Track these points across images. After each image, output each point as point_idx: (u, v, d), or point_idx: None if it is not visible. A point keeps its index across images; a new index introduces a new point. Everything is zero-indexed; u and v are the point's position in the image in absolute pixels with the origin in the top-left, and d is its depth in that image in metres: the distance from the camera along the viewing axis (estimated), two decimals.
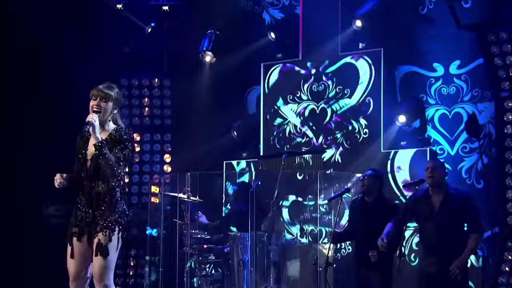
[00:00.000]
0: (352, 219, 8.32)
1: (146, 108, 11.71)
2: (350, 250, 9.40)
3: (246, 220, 8.67)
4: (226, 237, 9.21)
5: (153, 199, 10.73)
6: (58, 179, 5.18)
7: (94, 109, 5.18)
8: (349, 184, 9.12)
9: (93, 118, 5.12)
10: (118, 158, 5.07)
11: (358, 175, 9.49)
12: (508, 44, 9.28)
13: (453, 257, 7.04)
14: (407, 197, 7.28)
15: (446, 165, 7.82)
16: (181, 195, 9.27)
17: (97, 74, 10.37)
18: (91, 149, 5.15)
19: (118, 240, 5.13)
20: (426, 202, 7.28)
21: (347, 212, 9.06)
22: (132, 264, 11.12)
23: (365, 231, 7.85)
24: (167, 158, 11.61)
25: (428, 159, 9.27)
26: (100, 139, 5.07)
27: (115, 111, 5.31)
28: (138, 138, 11.57)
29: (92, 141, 5.17)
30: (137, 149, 11.57)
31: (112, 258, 5.10)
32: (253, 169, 10.69)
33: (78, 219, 5.20)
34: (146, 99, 11.72)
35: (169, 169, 11.52)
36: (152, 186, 10.94)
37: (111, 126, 5.29)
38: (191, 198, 9.23)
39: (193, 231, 9.22)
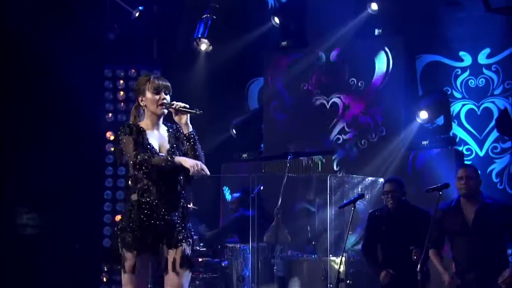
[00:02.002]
0: (377, 235, 8.20)
1: (133, 103, 11.62)
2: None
3: (252, 224, 8.66)
4: (224, 249, 9.16)
5: None
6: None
7: (164, 102, 5.17)
8: (362, 189, 9.06)
9: (184, 104, 5.15)
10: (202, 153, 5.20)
11: (373, 179, 9.44)
12: None
13: (493, 273, 6.98)
14: (434, 210, 7.16)
15: None
16: None
17: (77, 64, 10.39)
18: (158, 144, 5.10)
19: None
20: (458, 215, 7.22)
21: (359, 221, 8.99)
22: (105, 279, 11.11)
23: (395, 246, 7.79)
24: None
25: (453, 160, 9.22)
26: (192, 128, 5.14)
27: None
28: None
29: (158, 136, 5.13)
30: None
31: None
32: None
33: (150, 226, 5.04)
34: (133, 92, 11.64)
35: None
36: None
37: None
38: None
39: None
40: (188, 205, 8.98)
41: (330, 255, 9.07)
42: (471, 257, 7.11)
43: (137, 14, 11.18)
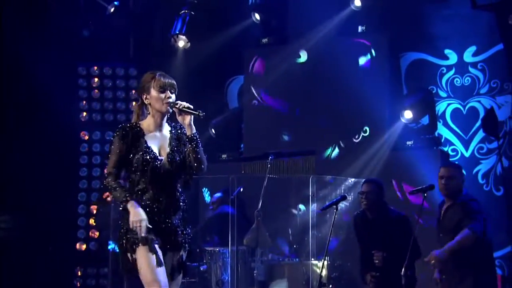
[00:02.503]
0: (359, 237, 8.25)
1: (109, 102, 11.62)
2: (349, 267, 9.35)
3: (232, 226, 8.64)
4: (203, 253, 9.13)
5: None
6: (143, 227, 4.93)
7: (170, 101, 5.12)
8: (345, 191, 9.08)
9: (188, 104, 5.10)
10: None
11: (356, 180, 9.46)
12: None
13: (459, 273, 7.06)
14: (419, 212, 7.21)
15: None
16: None
17: (50, 61, 10.33)
18: (158, 146, 5.09)
19: None
20: (438, 215, 7.33)
21: (343, 224, 9.01)
22: (78, 284, 11.06)
23: (371, 250, 7.80)
24: None
25: (439, 161, 9.24)
26: (195, 130, 5.11)
27: None
28: (101, 138, 11.48)
29: (160, 137, 5.13)
30: (97, 149, 11.49)
31: None
32: None
33: (152, 229, 5.01)
34: (109, 91, 11.63)
35: None
36: None
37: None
38: None
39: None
40: None
41: (312, 259, 9.08)
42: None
43: (112, 10, 11.14)
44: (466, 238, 6.98)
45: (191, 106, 5.08)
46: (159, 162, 5.06)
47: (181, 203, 5.13)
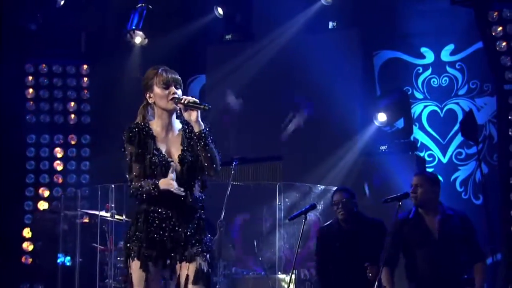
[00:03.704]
0: (328, 253, 8.20)
1: (59, 102, 11.55)
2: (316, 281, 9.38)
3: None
4: None
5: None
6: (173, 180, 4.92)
7: (175, 96, 5.05)
8: (314, 199, 9.08)
9: (195, 99, 5.02)
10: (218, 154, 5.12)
11: (326, 187, 9.49)
12: None
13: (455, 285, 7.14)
14: (394, 222, 7.24)
15: (439, 177, 7.80)
16: (103, 213, 9.16)
17: None
18: (169, 148, 5.07)
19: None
20: (419, 226, 7.31)
21: (311, 234, 9.01)
22: None
23: (349, 263, 7.81)
24: (86, 165, 11.50)
25: (414, 167, 9.30)
26: (203, 125, 5.04)
27: None
28: (48, 141, 11.41)
29: (171, 137, 5.09)
30: (47, 154, 11.41)
31: None
32: None
33: (158, 238, 5.01)
34: (58, 90, 11.56)
35: (88, 180, 11.38)
36: (66, 202, 10.77)
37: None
38: (116, 216, 9.10)
39: (118, 259, 9.10)
40: (120, 217, 9.02)
41: (279, 272, 9.09)
42: (435, 268, 7.19)
43: (62, 2, 11.07)
44: (485, 273, 7.25)
45: (197, 100, 5.00)
46: (168, 165, 5.00)
47: (197, 210, 5.08)
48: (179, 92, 5.08)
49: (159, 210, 5.01)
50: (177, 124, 5.16)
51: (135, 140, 5.04)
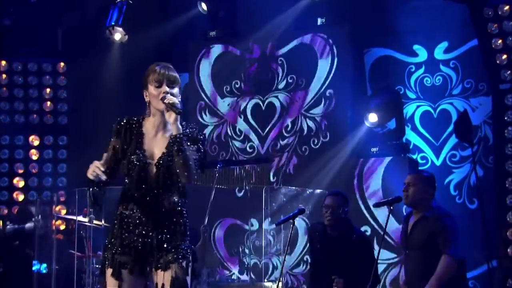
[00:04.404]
0: (312, 250, 8.26)
1: (34, 102, 11.53)
2: None
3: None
4: None
5: (58, 223, 10.53)
6: (97, 168, 4.87)
7: (165, 96, 5.00)
8: (302, 203, 9.09)
9: (178, 101, 4.98)
10: (194, 161, 5.00)
11: (315, 191, 9.51)
12: (510, 20, 9.39)
13: None
14: (385, 226, 7.24)
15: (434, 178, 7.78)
16: (80, 218, 9.15)
17: None
18: (153, 149, 5.05)
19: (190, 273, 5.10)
20: (403, 227, 7.39)
21: (301, 240, 9.03)
22: None
23: (328, 271, 7.81)
24: (62, 168, 11.48)
25: (407, 170, 9.31)
26: (181, 129, 4.96)
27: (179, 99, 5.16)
28: (23, 142, 11.38)
29: (159, 139, 5.07)
30: (22, 156, 11.39)
31: None
32: None
33: (132, 244, 5.00)
34: (34, 89, 11.55)
35: (65, 183, 11.35)
36: (42, 206, 10.75)
37: None
38: (94, 222, 9.09)
39: (97, 266, 9.09)
40: (99, 223, 9.01)
41: (265, 280, 9.10)
42: (408, 274, 7.27)
43: None
44: (448, 268, 7.01)
45: (176, 102, 4.96)
46: (145, 166, 5.00)
47: (175, 214, 5.04)
48: (175, 91, 5.04)
49: (133, 214, 5.00)
50: (173, 127, 5.06)
51: (121, 134, 5.05)
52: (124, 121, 5.08)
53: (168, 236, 5.01)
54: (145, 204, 5.00)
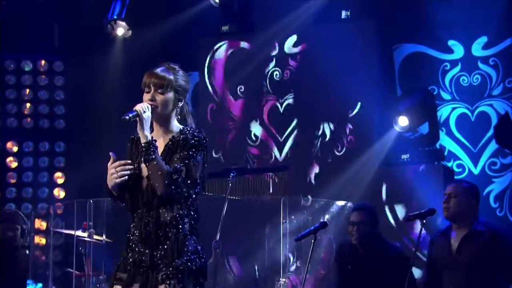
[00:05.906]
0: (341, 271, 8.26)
1: (28, 104, 11.58)
2: None
3: None
4: None
5: (37, 239, 10.55)
6: (124, 167, 5.02)
7: (148, 103, 5.14)
8: (327, 217, 9.08)
9: (142, 107, 5.08)
10: (176, 169, 5.02)
11: (340, 203, 9.49)
12: None
13: None
14: (417, 242, 7.20)
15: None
16: (79, 232, 9.17)
17: None
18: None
19: None
20: (444, 243, 7.27)
21: (321, 258, 9.04)
22: None
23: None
24: (59, 177, 11.51)
25: (441, 179, 9.31)
26: (149, 137, 5.04)
27: (180, 104, 5.27)
28: (15, 149, 11.42)
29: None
30: (14, 164, 11.41)
31: None
32: None
33: (128, 261, 5.13)
34: (28, 90, 11.59)
35: (62, 194, 11.39)
36: (36, 220, 10.79)
37: (175, 126, 5.26)
38: (95, 237, 9.11)
39: (98, 286, 9.09)
40: (100, 238, 9.02)
41: None
42: None
43: None
44: None
45: (138, 107, 5.06)
46: (137, 180, 5.10)
47: (171, 229, 5.08)
48: (158, 98, 5.14)
49: (132, 229, 5.12)
50: (170, 134, 5.19)
51: (131, 151, 5.20)
52: (132, 136, 5.21)
53: (163, 252, 5.07)
54: (141, 219, 5.09)
